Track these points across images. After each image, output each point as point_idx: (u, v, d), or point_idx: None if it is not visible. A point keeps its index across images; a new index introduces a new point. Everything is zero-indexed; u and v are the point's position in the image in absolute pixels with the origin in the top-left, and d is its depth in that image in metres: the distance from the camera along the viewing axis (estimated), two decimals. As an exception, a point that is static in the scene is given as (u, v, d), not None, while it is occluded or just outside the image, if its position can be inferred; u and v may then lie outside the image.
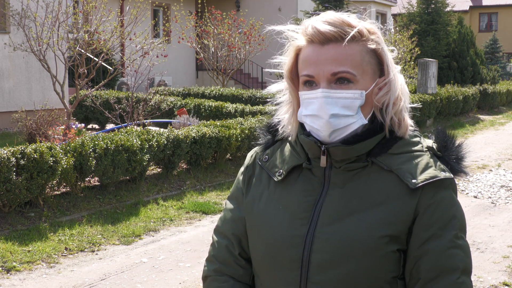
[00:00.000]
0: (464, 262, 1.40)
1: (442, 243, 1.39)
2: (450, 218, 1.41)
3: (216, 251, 1.59)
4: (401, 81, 1.46)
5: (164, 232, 6.14)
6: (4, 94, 12.56)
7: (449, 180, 1.42)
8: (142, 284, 4.78)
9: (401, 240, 1.40)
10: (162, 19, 20.88)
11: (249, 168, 1.59)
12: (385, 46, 1.45)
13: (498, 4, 38.37)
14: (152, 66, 10.41)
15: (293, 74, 1.48)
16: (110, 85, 15.90)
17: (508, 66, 31.57)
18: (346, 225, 1.40)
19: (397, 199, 1.40)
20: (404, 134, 1.46)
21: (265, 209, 1.50)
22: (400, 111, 1.45)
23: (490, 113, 19.24)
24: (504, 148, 12.21)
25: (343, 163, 1.44)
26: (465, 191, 8.17)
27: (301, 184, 1.48)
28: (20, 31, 10.60)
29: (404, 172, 1.40)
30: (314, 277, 1.41)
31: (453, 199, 1.43)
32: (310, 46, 1.42)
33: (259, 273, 1.53)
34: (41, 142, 6.41)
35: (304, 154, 1.48)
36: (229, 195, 1.64)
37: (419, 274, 1.40)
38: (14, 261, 5.07)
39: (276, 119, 1.57)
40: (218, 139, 8.34)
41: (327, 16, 1.42)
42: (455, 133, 1.57)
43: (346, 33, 1.39)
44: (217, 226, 1.64)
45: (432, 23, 21.61)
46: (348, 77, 1.39)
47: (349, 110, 1.40)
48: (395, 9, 31.50)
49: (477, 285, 4.81)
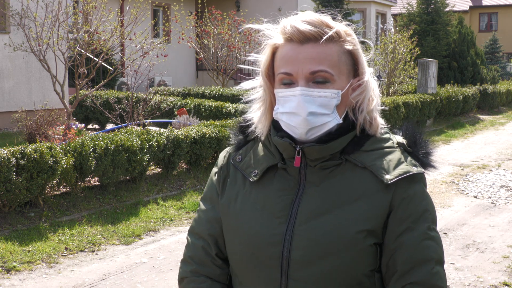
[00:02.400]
0: (437, 252, 1.45)
1: (416, 236, 1.44)
2: (423, 211, 1.46)
3: (192, 252, 1.60)
4: (373, 83, 1.51)
5: (164, 232, 6.14)
6: (4, 94, 12.56)
7: (420, 174, 1.47)
8: (142, 284, 4.78)
9: (377, 234, 1.44)
10: (162, 19, 20.89)
11: (223, 169, 1.60)
12: (360, 48, 1.49)
13: (498, 4, 38.37)
14: (152, 66, 10.41)
15: (269, 72, 1.50)
16: (110, 85, 15.90)
17: (508, 66, 31.56)
18: (324, 221, 1.43)
19: (372, 194, 1.44)
20: (375, 132, 1.50)
21: (242, 209, 1.51)
22: (372, 110, 1.49)
23: (490, 113, 19.24)
24: (504, 148, 12.20)
25: (318, 161, 1.47)
26: (465, 191, 8.17)
27: (277, 183, 1.50)
28: (20, 31, 10.60)
29: (378, 168, 1.44)
30: (295, 274, 1.44)
31: (425, 192, 1.49)
32: (288, 45, 1.44)
33: (237, 273, 1.54)
34: (41, 142, 6.41)
35: (279, 154, 1.50)
36: (202, 196, 1.65)
37: (395, 266, 1.44)
38: (14, 261, 5.07)
39: (247, 117, 1.59)
40: (218, 139, 8.35)
41: (306, 16, 1.45)
42: (421, 129, 1.60)
43: (325, 33, 1.42)
44: (191, 227, 1.64)
45: (432, 23, 21.60)
46: (326, 76, 1.42)
47: (326, 108, 1.43)
48: (395, 9, 31.50)
49: (477, 285, 4.81)
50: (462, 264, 5.25)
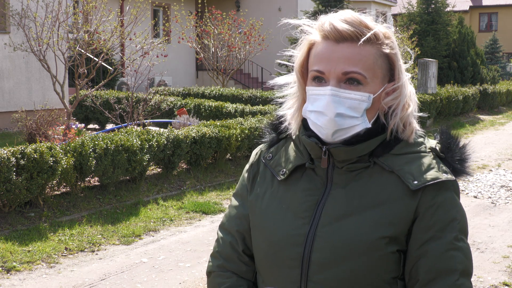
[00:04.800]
0: (464, 264, 1.39)
1: (441, 245, 1.39)
2: (451, 220, 1.40)
3: (220, 247, 1.60)
4: (411, 89, 1.47)
5: (164, 232, 6.14)
6: (4, 94, 12.56)
7: (450, 182, 1.42)
8: (142, 284, 4.78)
9: (401, 241, 1.40)
10: (162, 19, 20.89)
11: (254, 165, 1.60)
12: (399, 51, 1.45)
13: (498, 4, 38.37)
14: (152, 66, 10.40)
15: (303, 68, 1.48)
16: (110, 85, 15.90)
17: (508, 66, 31.56)
18: (347, 225, 1.40)
19: (398, 200, 1.40)
20: (408, 137, 1.45)
21: (267, 208, 1.51)
22: (407, 116, 1.45)
23: (490, 113, 19.24)
24: (504, 148, 12.20)
25: (345, 163, 1.44)
26: (465, 191, 8.17)
27: (303, 183, 1.48)
28: (20, 31, 10.60)
29: (405, 173, 1.40)
30: (314, 276, 1.41)
31: (455, 200, 1.42)
32: (324, 42, 1.41)
33: (261, 271, 1.54)
34: (41, 142, 6.41)
35: (307, 153, 1.48)
36: (234, 191, 1.65)
37: (418, 275, 1.40)
38: (14, 261, 5.07)
39: (280, 112, 1.57)
40: (218, 139, 8.34)
41: (345, 14, 1.41)
42: (458, 133, 1.56)
43: (363, 34, 1.38)
44: (222, 222, 1.65)
45: (432, 23, 21.61)
46: (359, 78, 1.38)
47: (355, 111, 1.39)
48: (395, 9, 31.50)
49: (477, 285, 4.81)
50: (462, 264, 5.25)
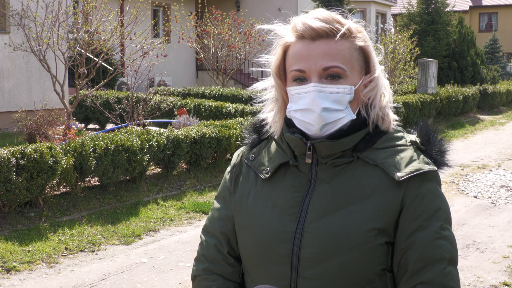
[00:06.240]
0: (450, 252, 1.43)
1: (428, 234, 1.42)
2: (435, 209, 1.44)
3: (204, 251, 1.61)
4: (385, 80, 1.52)
5: (164, 232, 6.14)
6: (4, 94, 12.56)
7: (433, 172, 1.46)
8: (142, 284, 4.78)
9: (389, 233, 1.43)
10: (162, 19, 20.88)
11: (236, 167, 1.61)
12: (371, 44, 1.50)
13: (498, 4, 38.37)
14: (152, 66, 10.41)
15: (280, 71, 1.51)
16: (110, 85, 15.89)
17: (508, 66, 31.56)
18: (334, 219, 1.42)
19: (384, 192, 1.43)
20: (388, 128, 1.50)
21: (253, 207, 1.52)
22: (384, 106, 1.49)
23: (490, 113, 19.24)
24: (504, 148, 12.20)
25: (329, 158, 1.46)
26: (465, 191, 8.17)
27: (288, 180, 1.50)
28: (20, 31, 10.60)
29: (389, 166, 1.44)
30: (305, 271, 1.43)
31: (438, 191, 1.47)
32: (300, 42, 1.45)
33: (249, 270, 1.54)
34: (41, 142, 6.41)
35: (290, 151, 1.51)
36: (216, 194, 1.66)
37: (406, 265, 1.43)
38: (14, 261, 5.07)
39: (261, 116, 1.60)
40: (218, 139, 8.35)
41: (318, 13, 1.46)
42: (436, 127, 1.60)
43: (337, 29, 1.43)
44: (205, 225, 1.65)
45: (432, 23, 21.59)
46: (339, 72, 1.43)
47: (340, 104, 1.43)
48: (395, 9, 31.50)
49: (477, 285, 4.81)
50: (462, 264, 5.25)
